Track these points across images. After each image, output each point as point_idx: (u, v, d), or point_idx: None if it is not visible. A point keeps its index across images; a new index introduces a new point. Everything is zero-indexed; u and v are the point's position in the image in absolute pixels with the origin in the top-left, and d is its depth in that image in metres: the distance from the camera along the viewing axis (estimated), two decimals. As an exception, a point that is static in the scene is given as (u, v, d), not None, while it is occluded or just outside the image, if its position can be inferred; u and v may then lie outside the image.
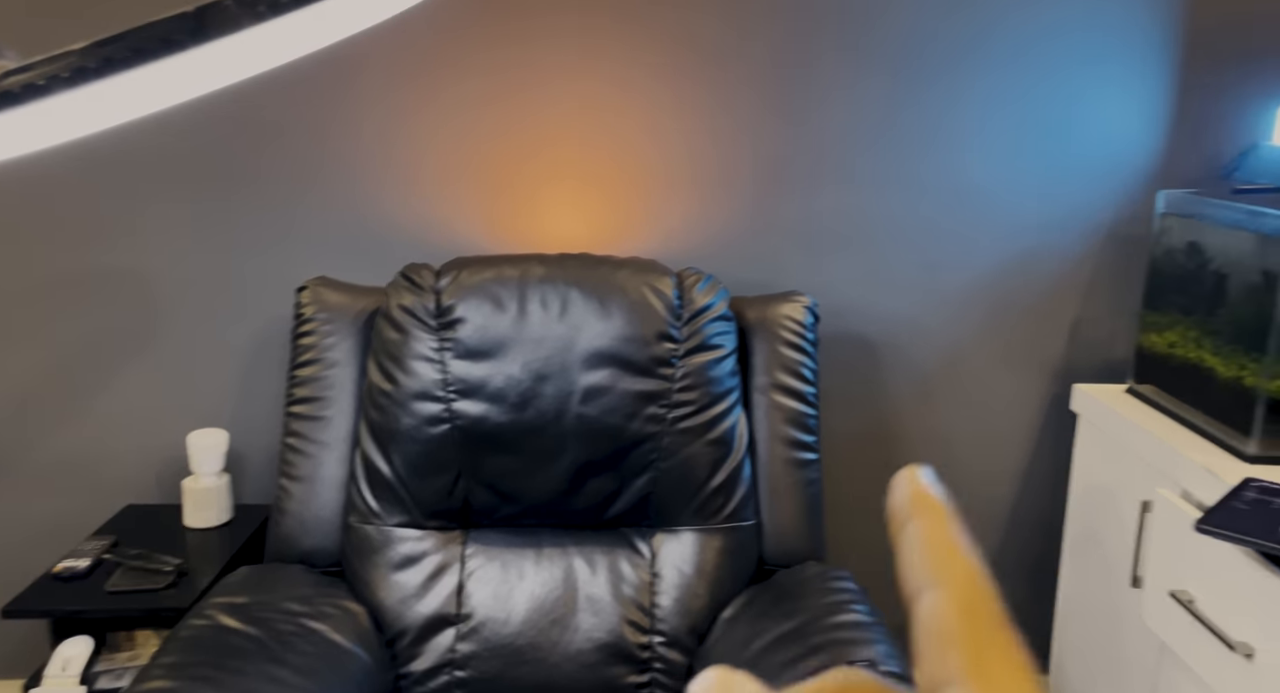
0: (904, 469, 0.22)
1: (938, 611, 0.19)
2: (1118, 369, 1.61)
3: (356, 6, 0.63)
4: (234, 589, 1.16)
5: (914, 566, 0.20)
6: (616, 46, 1.48)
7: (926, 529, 0.20)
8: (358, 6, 0.63)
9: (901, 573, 0.20)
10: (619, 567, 1.30)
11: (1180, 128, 1.52)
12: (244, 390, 1.56)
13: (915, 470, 0.21)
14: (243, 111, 1.47)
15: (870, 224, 1.56)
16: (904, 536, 0.21)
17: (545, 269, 1.34)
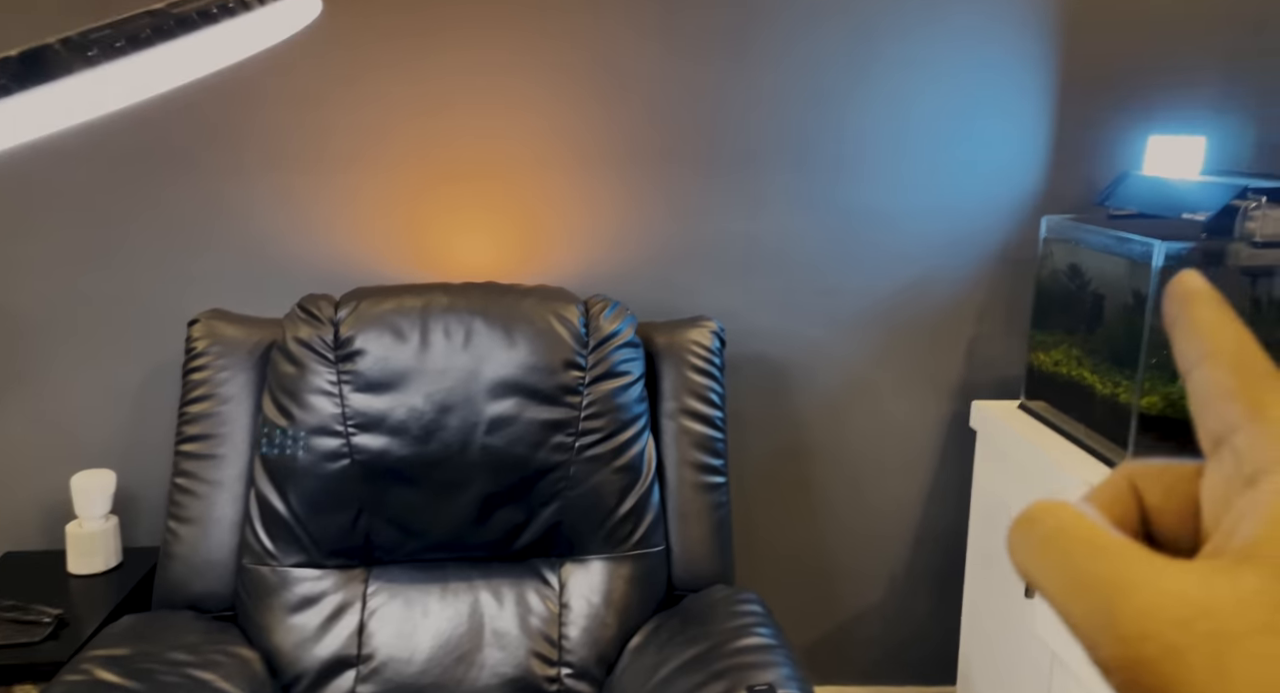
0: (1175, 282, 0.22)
1: (1211, 376, 0.20)
2: (1012, 386, 1.68)
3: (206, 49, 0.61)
4: (115, 640, 1.11)
5: (1184, 347, 0.20)
6: (517, 74, 1.48)
7: (1196, 313, 0.21)
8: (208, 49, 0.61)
9: (1177, 360, 0.21)
10: (527, 599, 1.28)
11: (1061, 157, 1.60)
12: (133, 429, 1.49)
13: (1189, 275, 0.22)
14: (130, 141, 1.42)
15: (775, 249, 1.59)
16: (1176, 326, 0.21)
17: (449, 298, 1.33)
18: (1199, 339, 0.20)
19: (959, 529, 1.72)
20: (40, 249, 1.43)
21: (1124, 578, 0.17)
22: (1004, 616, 1.47)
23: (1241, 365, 0.19)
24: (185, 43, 0.60)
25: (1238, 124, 1.57)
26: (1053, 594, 0.18)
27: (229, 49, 0.64)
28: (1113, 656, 0.17)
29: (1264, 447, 0.18)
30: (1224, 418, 0.19)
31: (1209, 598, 0.16)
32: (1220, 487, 0.19)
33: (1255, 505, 0.17)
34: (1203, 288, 0.21)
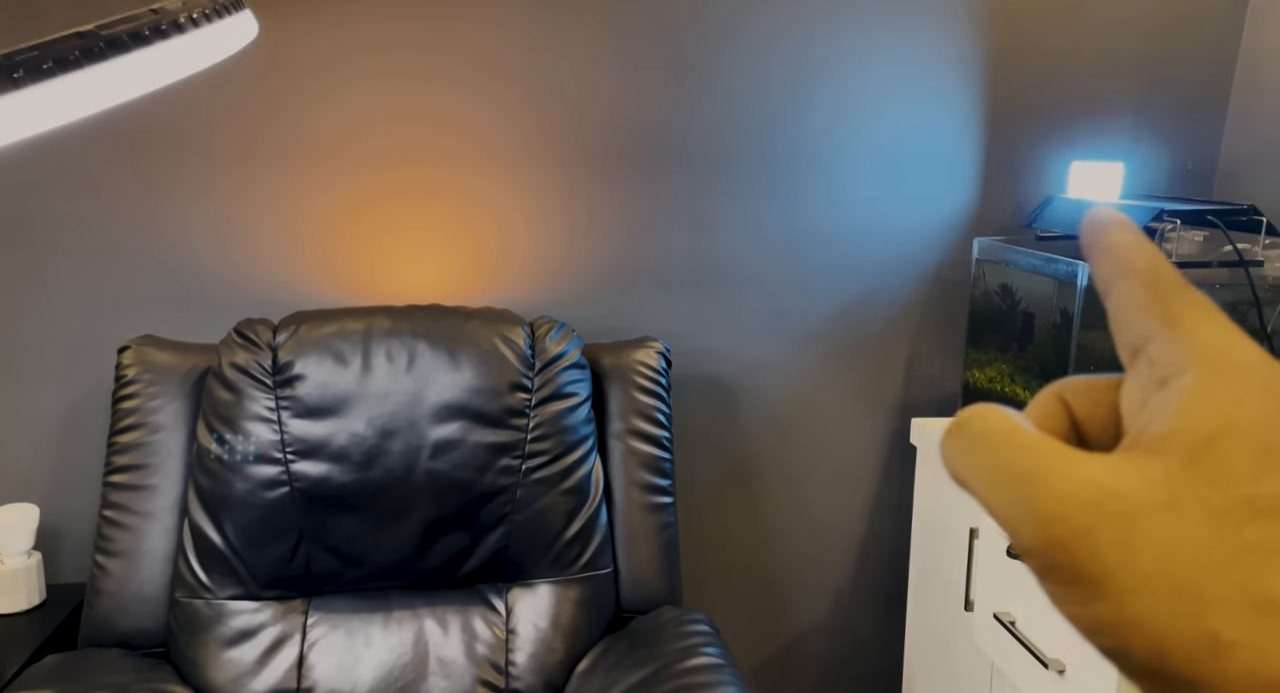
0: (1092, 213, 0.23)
1: (1127, 292, 0.21)
2: (949, 403, 1.73)
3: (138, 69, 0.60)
4: (38, 682, 1.05)
5: (1103, 269, 0.22)
6: (457, 94, 1.48)
7: (1112, 237, 0.22)
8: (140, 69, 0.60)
9: (1096, 283, 0.22)
10: (473, 626, 1.26)
11: (991, 181, 1.66)
12: (58, 461, 1.43)
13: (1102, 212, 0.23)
14: (53, 160, 1.38)
15: (718, 269, 1.62)
16: (1094, 251, 0.22)
17: (391, 321, 1.32)
18: (1115, 260, 0.22)
19: (901, 544, 1.75)
20: (-41, 273, 1.38)
21: (1042, 468, 0.18)
22: (945, 628, 1.50)
23: (1155, 280, 0.21)
24: (116, 64, 0.59)
25: (1152, 151, 1.65)
26: (980, 490, 0.20)
27: (162, 71, 0.63)
28: (1031, 538, 0.18)
29: (1175, 352, 0.19)
30: (1139, 330, 0.20)
31: (1117, 483, 0.18)
32: (1137, 393, 0.20)
33: (1164, 404, 0.19)
34: (1117, 216, 0.23)
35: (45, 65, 0.53)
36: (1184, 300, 0.20)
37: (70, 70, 0.54)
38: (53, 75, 0.53)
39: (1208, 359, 0.19)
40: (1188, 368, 0.19)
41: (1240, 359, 0.19)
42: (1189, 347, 0.19)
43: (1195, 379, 0.19)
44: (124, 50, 0.56)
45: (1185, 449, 0.18)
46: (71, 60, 0.53)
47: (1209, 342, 0.19)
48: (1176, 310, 0.20)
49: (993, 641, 1.24)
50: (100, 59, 0.55)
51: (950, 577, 1.48)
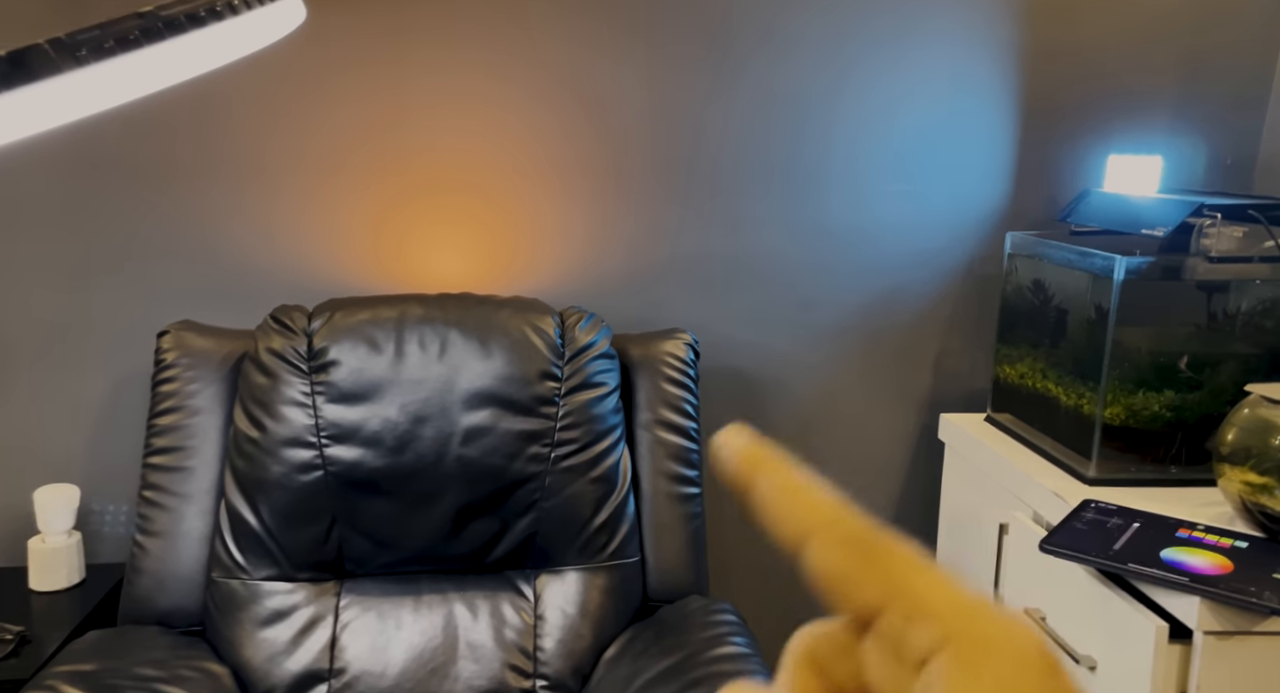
0: (722, 433, 0.22)
1: (825, 557, 0.20)
2: (979, 399, 1.71)
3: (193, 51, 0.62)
4: (80, 656, 1.08)
5: (777, 521, 0.21)
6: (493, 84, 1.49)
7: (770, 482, 0.21)
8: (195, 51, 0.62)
9: (771, 529, 0.21)
10: (501, 611, 1.28)
11: (1025, 175, 1.65)
12: (98, 443, 1.47)
13: (731, 431, 0.22)
14: (97, 149, 1.41)
15: (748, 262, 1.61)
16: (755, 496, 0.21)
17: (424, 309, 1.33)
18: (791, 514, 0.21)
19: (928, 539, 1.74)
20: (8, 260, 1.41)
21: None
22: (973, 624, 1.49)
23: (851, 537, 0.20)
24: (172, 46, 0.60)
25: (1191, 145, 1.63)
26: None
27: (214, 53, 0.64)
28: None
29: (918, 632, 0.18)
30: (861, 599, 0.19)
31: None
32: (885, 667, 0.19)
33: (929, 686, 0.18)
34: (755, 450, 0.22)
35: (106, 44, 0.54)
36: (899, 562, 0.19)
37: (130, 49, 0.55)
38: (113, 54, 0.54)
39: (955, 640, 0.18)
40: (937, 652, 0.18)
41: (986, 633, 0.18)
42: (940, 617, 0.18)
43: (953, 661, 0.18)
44: (181, 31, 0.57)
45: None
46: (131, 39, 0.55)
47: (949, 617, 0.18)
48: (898, 576, 0.19)
49: (1022, 636, 1.23)
50: (158, 39, 0.56)
51: (978, 573, 1.47)
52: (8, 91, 0.52)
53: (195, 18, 0.59)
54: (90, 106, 0.58)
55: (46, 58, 0.53)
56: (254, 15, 0.64)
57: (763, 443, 0.22)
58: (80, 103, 0.57)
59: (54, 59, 0.53)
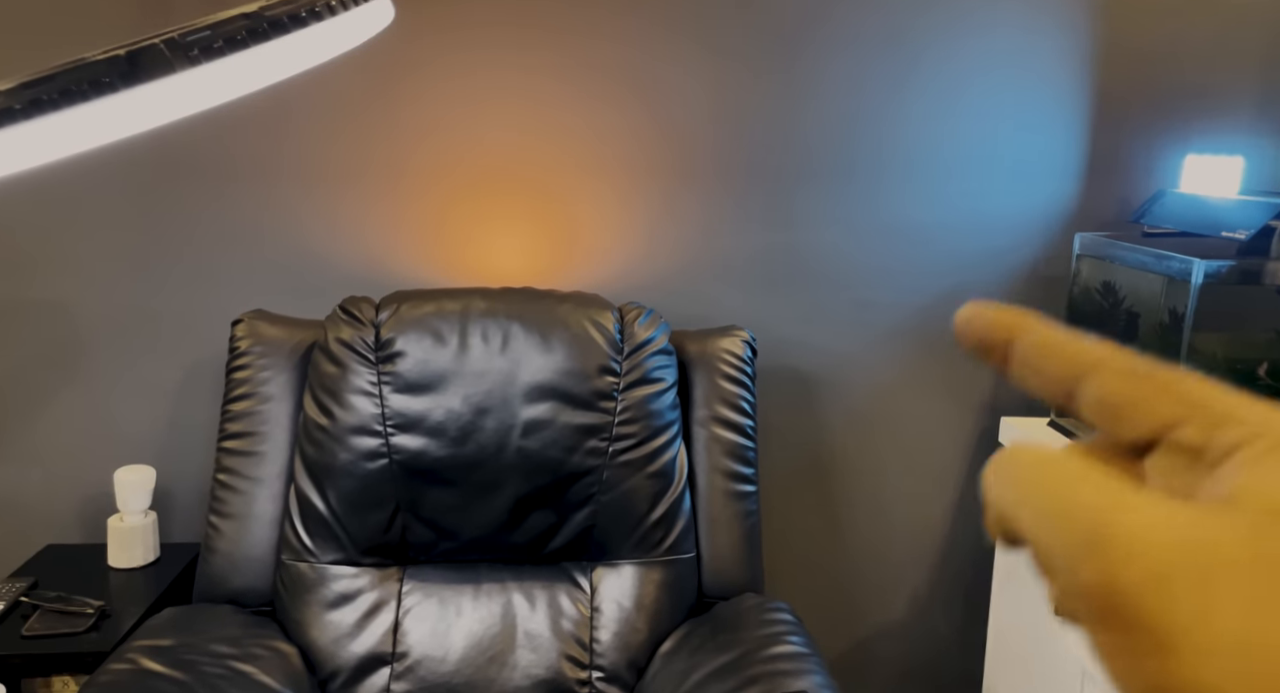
0: (961, 309, 0.22)
1: (1108, 386, 0.20)
2: (1041, 403, 1.68)
3: (292, 51, 0.64)
4: (158, 631, 1.12)
5: (1046, 369, 0.21)
6: (556, 84, 1.51)
7: (1035, 336, 0.21)
8: (293, 52, 0.64)
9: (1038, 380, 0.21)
10: (558, 602, 1.29)
11: (1095, 174, 1.61)
12: (172, 426, 1.52)
13: (969, 306, 0.22)
14: (176, 144, 1.46)
15: (807, 261, 1.61)
16: (1017, 352, 0.21)
17: (487, 303, 1.35)
18: (1065, 357, 0.21)
19: (985, 545, 1.71)
20: (93, 251, 1.47)
21: (1113, 502, 0.17)
22: (1033, 634, 1.47)
23: (1136, 368, 0.20)
24: (274, 46, 0.62)
25: (1273, 145, 1.57)
26: (1034, 523, 0.18)
27: (312, 52, 0.66)
28: (1095, 578, 0.16)
29: (1227, 431, 0.18)
30: (1153, 421, 0.19)
31: (1199, 529, 0.16)
32: (1178, 474, 0.19)
33: (1234, 470, 0.18)
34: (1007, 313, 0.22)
35: (216, 44, 0.56)
36: (1192, 382, 0.19)
37: (237, 49, 0.57)
38: (222, 54, 0.57)
39: (1268, 434, 0.18)
40: (1253, 440, 0.18)
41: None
42: (1246, 421, 0.18)
43: (1268, 448, 0.17)
44: (284, 31, 0.59)
45: (1265, 510, 0.16)
46: (239, 40, 0.57)
47: (1259, 420, 0.18)
48: (1195, 394, 0.19)
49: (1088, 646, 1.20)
50: (263, 39, 0.58)
51: (1039, 581, 1.44)
52: (125, 90, 0.55)
53: (297, 18, 0.61)
54: (197, 104, 0.60)
55: (161, 57, 0.55)
56: (350, 15, 0.66)
57: (1009, 308, 0.22)
58: (189, 101, 0.59)
59: (168, 58, 0.56)
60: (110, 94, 0.53)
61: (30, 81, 0.52)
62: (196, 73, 0.57)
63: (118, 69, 0.53)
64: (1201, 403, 0.19)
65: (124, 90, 0.54)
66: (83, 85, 0.53)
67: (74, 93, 0.53)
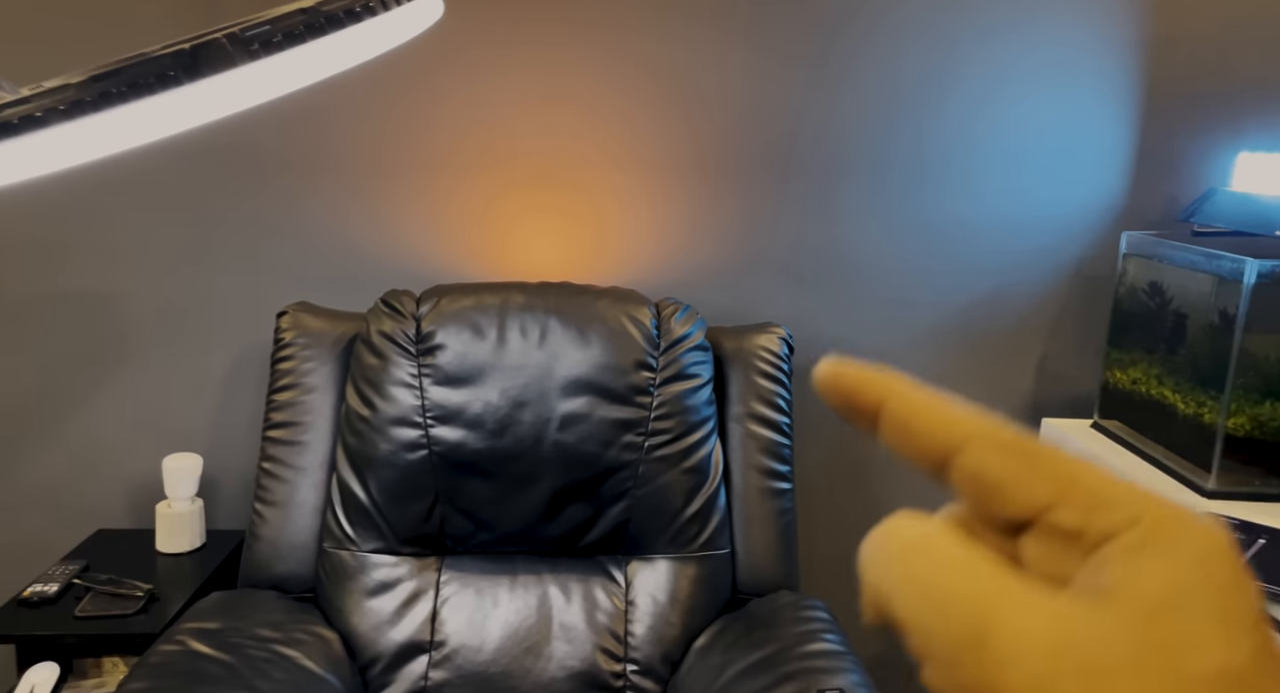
0: (822, 365, 0.21)
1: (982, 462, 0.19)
2: (1083, 404, 1.65)
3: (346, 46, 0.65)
4: (206, 615, 1.15)
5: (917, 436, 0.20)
6: (596, 79, 1.51)
7: (910, 400, 0.20)
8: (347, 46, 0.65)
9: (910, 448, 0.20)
10: (594, 594, 1.30)
11: (1144, 170, 1.58)
12: (218, 415, 1.55)
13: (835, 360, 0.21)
14: (225, 138, 1.49)
15: (846, 258, 1.59)
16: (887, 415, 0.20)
17: (525, 297, 1.36)
18: (937, 427, 0.20)
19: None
20: (144, 243, 1.51)
21: (995, 597, 0.17)
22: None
23: (1012, 443, 0.19)
24: (331, 40, 0.64)
25: (1331, 142, 1.53)
26: (912, 611, 0.18)
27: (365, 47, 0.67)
28: (975, 677, 0.16)
29: (1099, 516, 0.18)
30: (1026, 501, 0.19)
31: (1081, 630, 0.16)
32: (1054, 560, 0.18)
33: (1108, 560, 0.17)
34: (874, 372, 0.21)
35: (275, 38, 0.58)
36: (1067, 461, 0.19)
37: (295, 44, 0.59)
38: (281, 48, 0.58)
39: (1156, 520, 0.17)
40: (1129, 527, 0.17)
41: (1178, 515, 0.17)
42: (1122, 505, 0.18)
43: (1144, 537, 0.17)
44: (340, 26, 0.60)
45: (1145, 607, 0.16)
46: (296, 34, 0.58)
47: (1135, 503, 0.18)
48: (1071, 473, 0.18)
49: None
50: (320, 34, 0.59)
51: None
52: (189, 83, 0.56)
53: (353, 13, 0.62)
54: (255, 98, 0.62)
55: (223, 51, 0.57)
56: (403, 10, 0.67)
57: (876, 366, 0.21)
58: (248, 95, 0.60)
59: (230, 52, 0.57)
60: (174, 87, 0.55)
61: (99, 75, 0.54)
62: (256, 67, 0.58)
63: (182, 63, 0.55)
64: (1078, 484, 0.18)
65: (188, 83, 0.55)
66: (149, 78, 0.54)
67: (141, 86, 0.54)
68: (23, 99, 0.54)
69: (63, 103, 0.53)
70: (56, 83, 0.56)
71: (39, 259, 1.49)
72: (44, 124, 0.53)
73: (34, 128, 0.53)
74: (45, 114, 0.53)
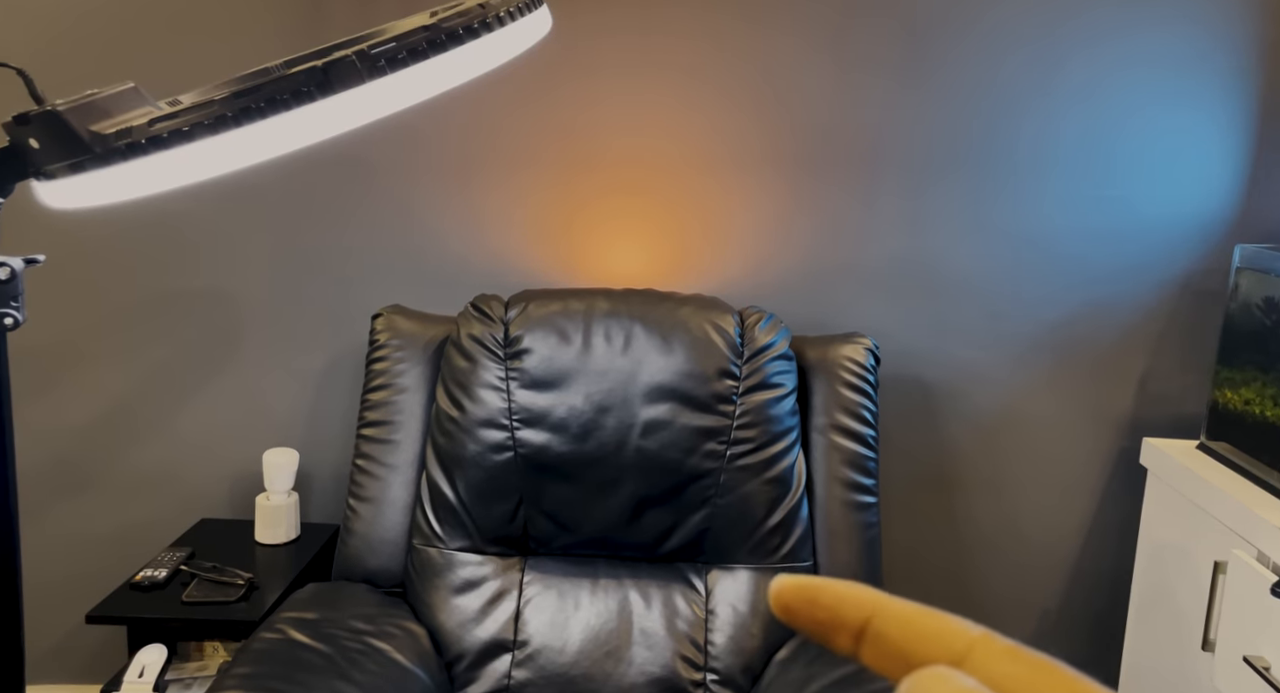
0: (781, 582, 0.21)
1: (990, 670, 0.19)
2: (1187, 424, 1.57)
3: (465, 61, 0.67)
4: (303, 605, 1.20)
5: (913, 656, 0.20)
6: (681, 88, 1.52)
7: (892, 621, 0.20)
8: (466, 61, 0.67)
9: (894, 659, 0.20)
10: (674, 601, 1.30)
11: (1260, 179, 1.50)
12: (314, 413, 1.62)
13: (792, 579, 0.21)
14: (323, 148, 1.55)
15: (934, 268, 1.56)
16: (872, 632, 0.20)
17: (610, 303, 1.38)
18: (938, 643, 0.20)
19: (1122, 571, 1.62)
20: (247, 248, 1.58)
21: None
22: (1174, 666, 1.38)
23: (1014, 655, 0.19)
24: (451, 55, 0.66)
25: None
26: None
27: (481, 62, 0.69)
28: None
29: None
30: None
31: None
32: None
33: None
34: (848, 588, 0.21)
35: (400, 55, 0.60)
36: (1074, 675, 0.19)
37: (419, 60, 0.61)
38: (406, 65, 0.60)
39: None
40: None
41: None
42: None
43: None
44: (459, 42, 0.62)
45: None
46: (420, 51, 0.60)
47: None
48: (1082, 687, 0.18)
49: (1239, 686, 1.12)
50: (442, 50, 0.61)
51: (1184, 612, 1.35)
52: (324, 98, 0.59)
53: (471, 29, 0.64)
54: (380, 111, 0.64)
55: (353, 68, 0.59)
56: (517, 26, 0.69)
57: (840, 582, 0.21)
58: (372, 108, 0.63)
59: (359, 69, 0.60)
60: (309, 103, 0.58)
61: (240, 91, 0.57)
62: (383, 82, 0.61)
63: (315, 80, 0.57)
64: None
65: (320, 99, 0.58)
66: (285, 95, 0.57)
67: (278, 102, 0.57)
68: (169, 115, 0.58)
69: (207, 118, 0.56)
70: (199, 99, 0.59)
71: (151, 264, 1.58)
72: (191, 137, 0.56)
73: (182, 141, 0.56)
74: (192, 128, 0.56)
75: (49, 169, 0.55)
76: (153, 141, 0.55)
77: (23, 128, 0.55)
